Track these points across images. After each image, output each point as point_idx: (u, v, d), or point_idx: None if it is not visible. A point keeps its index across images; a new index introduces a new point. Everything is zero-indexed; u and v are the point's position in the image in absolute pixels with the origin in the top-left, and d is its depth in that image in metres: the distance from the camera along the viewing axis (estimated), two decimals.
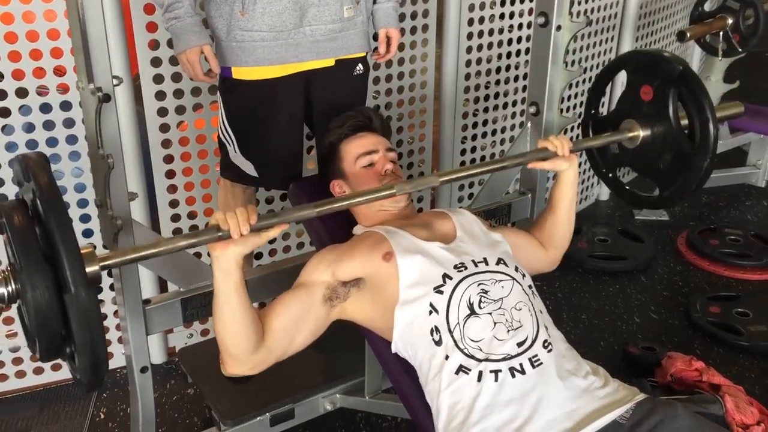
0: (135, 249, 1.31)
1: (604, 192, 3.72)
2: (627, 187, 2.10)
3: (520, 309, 1.48)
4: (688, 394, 2.13)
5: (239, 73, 1.94)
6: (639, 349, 2.44)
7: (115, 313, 2.35)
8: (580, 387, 1.41)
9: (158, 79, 2.19)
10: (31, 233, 1.12)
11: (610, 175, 2.04)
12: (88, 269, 1.16)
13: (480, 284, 1.49)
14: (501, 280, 1.51)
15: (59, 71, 2.06)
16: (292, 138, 2.06)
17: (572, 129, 3.33)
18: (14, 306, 1.18)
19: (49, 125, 2.11)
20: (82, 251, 1.13)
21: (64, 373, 2.38)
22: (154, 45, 2.15)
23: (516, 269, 1.57)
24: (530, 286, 1.57)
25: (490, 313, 1.45)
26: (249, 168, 2.06)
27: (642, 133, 1.85)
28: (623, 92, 1.90)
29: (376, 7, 2.10)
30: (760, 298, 2.82)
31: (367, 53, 2.10)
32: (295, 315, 1.49)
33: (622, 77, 2.04)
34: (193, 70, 1.90)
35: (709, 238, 3.20)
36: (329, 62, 1.99)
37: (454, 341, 1.43)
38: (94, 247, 1.23)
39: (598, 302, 2.84)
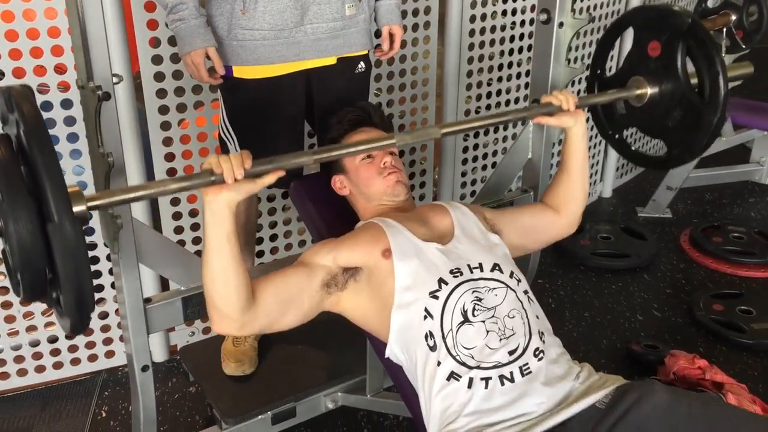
0: (124, 190, 1.26)
1: (606, 189, 3.71)
2: (633, 148, 2.03)
3: (513, 317, 1.48)
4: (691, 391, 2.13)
5: (240, 71, 1.93)
6: (642, 347, 2.44)
7: (117, 311, 2.35)
8: (567, 389, 1.43)
9: (159, 77, 2.18)
10: (13, 166, 1.07)
11: (617, 136, 1.96)
12: (76, 208, 1.12)
13: (474, 291, 1.49)
14: (494, 288, 1.51)
15: (60, 69, 2.06)
16: (293, 136, 2.05)
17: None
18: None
19: (50, 123, 2.10)
20: (68, 190, 1.09)
21: (66, 371, 2.39)
22: (155, 43, 2.15)
23: (511, 275, 1.57)
24: (526, 292, 1.57)
25: (483, 321, 1.46)
26: None
27: (650, 90, 1.78)
28: (630, 50, 1.83)
29: (379, 3, 2.09)
30: (763, 295, 2.81)
31: (369, 51, 2.09)
32: (292, 290, 1.48)
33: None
34: (197, 72, 1.89)
35: (713, 235, 3.19)
36: (331, 60, 1.99)
37: (447, 348, 1.44)
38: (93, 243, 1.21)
39: (601, 300, 2.84)
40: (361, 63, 2.06)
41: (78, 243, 1.07)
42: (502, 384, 1.40)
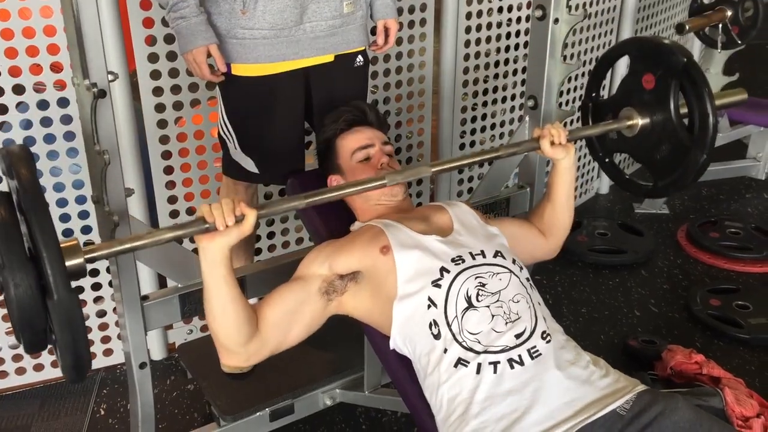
0: (120, 241, 1.30)
1: (603, 185, 3.72)
2: (626, 175, 2.09)
3: (518, 301, 1.48)
4: (688, 386, 2.13)
5: (238, 69, 1.93)
6: (639, 343, 2.44)
7: (114, 309, 2.35)
8: (580, 377, 1.41)
9: (155, 74, 2.18)
10: (14, 229, 1.10)
11: (607, 160, 2.02)
12: (73, 262, 1.15)
13: (477, 277, 1.49)
14: (498, 273, 1.51)
15: (56, 68, 2.06)
16: (292, 133, 2.05)
17: (572, 122, 3.32)
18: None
19: (46, 122, 2.10)
20: (65, 244, 1.12)
21: None
22: (152, 41, 2.15)
23: (513, 261, 1.57)
24: (528, 279, 1.57)
25: (488, 306, 1.45)
26: (249, 164, 2.06)
27: (641, 121, 1.83)
28: (625, 77, 1.88)
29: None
30: (760, 290, 2.81)
31: (365, 47, 2.09)
32: (291, 307, 1.49)
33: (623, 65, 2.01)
34: (200, 70, 1.89)
35: (710, 230, 3.19)
36: (329, 58, 1.99)
37: (453, 334, 1.43)
38: (90, 242, 1.22)
39: (598, 296, 2.84)
40: (359, 57, 2.07)
41: (73, 311, 1.11)
42: (512, 367, 1.39)
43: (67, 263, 1.14)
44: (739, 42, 3.10)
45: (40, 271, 1.09)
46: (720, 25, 3.04)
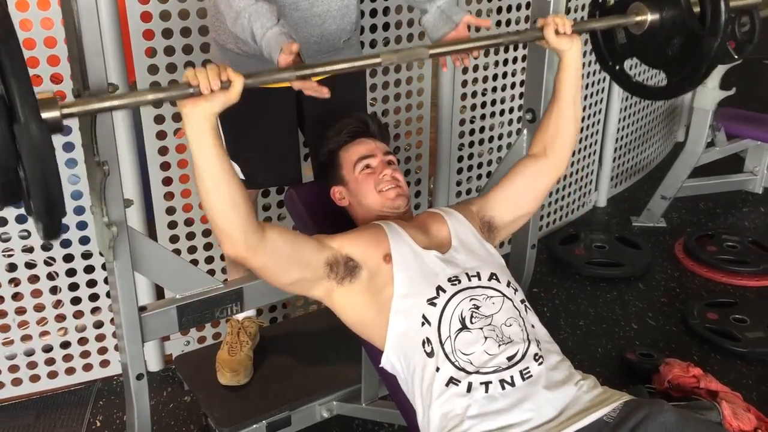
0: (100, 99, 1.25)
1: (601, 199, 3.73)
2: (634, 80, 1.99)
3: (510, 325, 1.49)
4: (686, 400, 2.13)
5: None
6: (636, 356, 2.44)
7: (112, 320, 2.34)
8: (569, 394, 1.43)
9: (155, 86, 2.19)
10: None
11: (617, 67, 1.92)
12: (49, 114, 1.11)
13: (472, 299, 1.50)
14: (492, 297, 1.52)
15: (56, 79, 2.07)
16: (281, 142, 2.04)
17: None
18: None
19: None
20: (42, 95, 1.08)
21: (61, 380, 2.38)
22: (151, 52, 2.16)
23: (508, 284, 1.58)
24: (523, 301, 1.57)
25: (481, 329, 1.46)
26: (236, 170, 2.05)
27: (650, 16, 1.73)
28: None
29: (440, 5, 1.94)
30: (757, 304, 2.82)
31: None
32: (301, 248, 1.49)
33: None
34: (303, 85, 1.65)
35: (707, 244, 3.20)
36: (322, 75, 1.98)
37: (445, 354, 1.44)
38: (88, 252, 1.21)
39: (596, 309, 2.84)
40: None
41: (45, 144, 1.06)
42: (503, 388, 1.40)
43: (43, 116, 1.10)
44: (736, 57, 3.10)
45: (11, 111, 1.04)
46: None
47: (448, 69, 2.35)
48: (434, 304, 1.49)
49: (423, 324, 1.48)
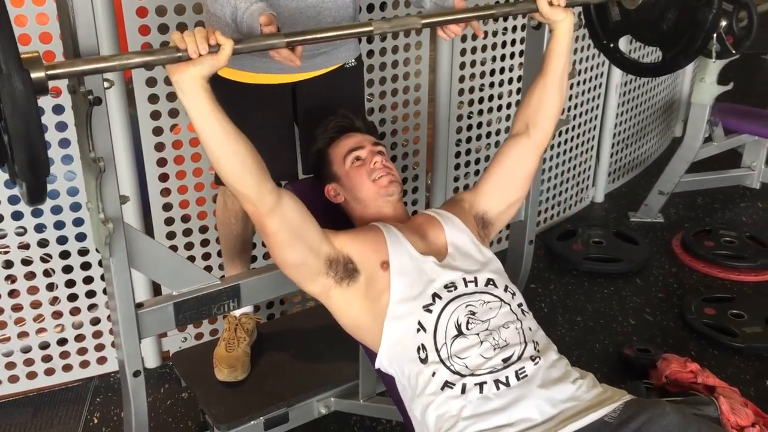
0: (86, 61, 1.25)
1: (599, 194, 3.72)
2: (628, 57, 1.97)
3: (507, 327, 1.49)
4: (683, 395, 2.13)
5: (223, 71, 1.92)
6: (634, 351, 2.44)
7: (109, 317, 2.34)
8: (566, 393, 1.42)
9: (151, 82, 2.18)
10: None
11: (612, 45, 1.92)
12: (34, 75, 1.09)
13: (468, 305, 1.50)
14: (489, 302, 1.52)
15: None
16: (275, 139, 2.03)
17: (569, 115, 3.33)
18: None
19: None
20: (26, 55, 1.05)
21: (58, 377, 2.38)
22: (147, 48, 2.15)
23: (506, 288, 1.57)
24: (520, 305, 1.57)
25: (477, 334, 1.46)
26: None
27: None
28: None
29: None
30: (755, 299, 2.82)
31: (357, 54, 2.08)
32: (308, 227, 1.49)
33: None
34: (278, 53, 1.60)
35: (704, 239, 3.20)
36: (317, 72, 1.98)
37: (441, 359, 1.44)
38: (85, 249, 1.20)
39: (594, 304, 2.84)
40: (352, 60, 2.05)
41: (28, 98, 1.03)
42: (498, 388, 1.41)
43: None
44: (734, 52, 3.11)
45: None
46: (714, 35, 3.05)
47: (446, 50, 2.36)
48: (430, 311, 1.49)
49: (419, 330, 1.48)
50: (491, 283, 1.56)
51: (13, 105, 1.03)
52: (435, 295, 1.50)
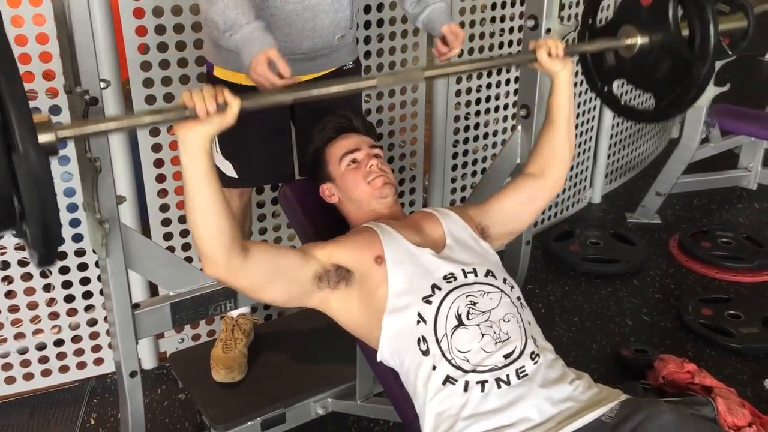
0: (95, 121, 1.25)
1: (596, 195, 3.73)
2: (622, 103, 2.01)
3: (508, 321, 1.48)
4: (680, 396, 2.13)
5: (219, 72, 1.92)
6: (631, 352, 2.44)
7: (105, 317, 2.34)
8: (563, 393, 1.42)
9: (148, 83, 2.18)
10: None
11: (606, 89, 1.93)
12: (44, 138, 1.09)
13: (468, 296, 1.49)
14: (489, 292, 1.52)
15: (48, 75, 2.06)
16: (272, 140, 2.03)
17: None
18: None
19: None
20: (36, 119, 1.05)
21: (55, 378, 2.37)
22: (144, 49, 2.15)
23: (504, 281, 1.57)
24: (519, 298, 1.57)
25: (478, 325, 1.46)
26: (228, 168, 2.04)
27: (640, 40, 1.75)
28: (622, 1, 1.81)
29: (432, 8, 1.97)
30: (751, 300, 2.82)
31: (354, 58, 2.08)
32: (285, 264, 1.47)
33: None
34: (266, 79, 1.66)
35: (701, 240, 3.20)
36: (315, 75, 1.98)
37: (442, 352, 1.44)
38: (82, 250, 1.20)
39: (591, 305, 2.85)
40: (350, 62, 2.05)
41: (43, 173, 1.04)
42: (499, 387, 1.40)
43: (39, 140, 1.06)
44: (730, 53, 3.11)
45: (8, 138, 1.01)
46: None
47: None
48: (430, 302, 1.48)
49: (419, 322, 1.47)
50: (490, 274, 1.56)
51: (28, 180, 1.03)
52: (434, 286, 1.50)
